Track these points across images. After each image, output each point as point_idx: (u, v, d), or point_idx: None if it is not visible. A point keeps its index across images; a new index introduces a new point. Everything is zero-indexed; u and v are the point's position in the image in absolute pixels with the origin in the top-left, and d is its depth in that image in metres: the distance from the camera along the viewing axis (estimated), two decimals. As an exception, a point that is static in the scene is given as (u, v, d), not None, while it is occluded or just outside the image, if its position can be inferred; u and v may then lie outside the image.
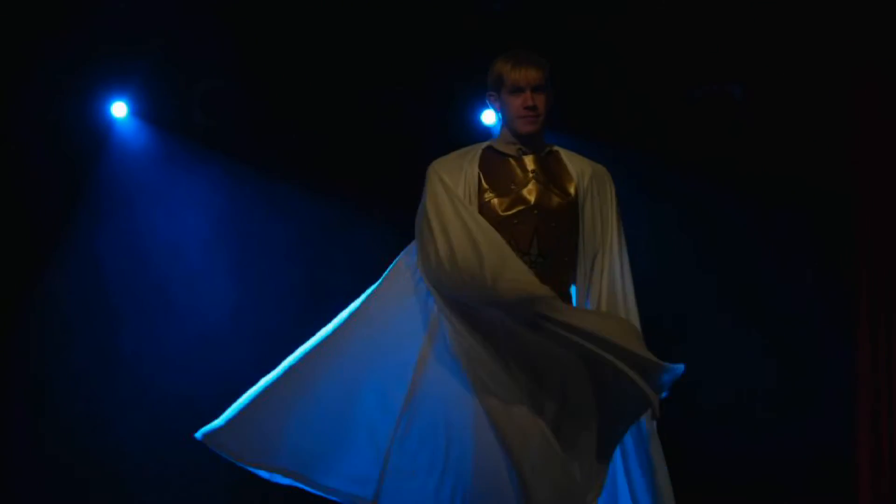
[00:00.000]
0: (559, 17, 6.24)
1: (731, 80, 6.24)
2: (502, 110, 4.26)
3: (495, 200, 4.19)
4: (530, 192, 4.20)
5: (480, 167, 4.22)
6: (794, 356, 6.31)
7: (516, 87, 4.18)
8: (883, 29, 5.81)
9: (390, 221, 6.16)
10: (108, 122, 6.53)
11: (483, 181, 4.21)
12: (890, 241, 5.82)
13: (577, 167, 4.27)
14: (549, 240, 4.17)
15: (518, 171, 4.23)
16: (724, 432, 6.29)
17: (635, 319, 4.18)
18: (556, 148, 4.32)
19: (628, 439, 4.09)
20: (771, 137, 6.21)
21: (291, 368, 4.17)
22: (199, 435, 4.13)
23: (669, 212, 6.39)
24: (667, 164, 6.36)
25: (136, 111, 6.54)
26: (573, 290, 4.28)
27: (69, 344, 6.51)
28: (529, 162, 4.24)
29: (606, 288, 4.17)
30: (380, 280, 4.27)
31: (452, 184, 4.16)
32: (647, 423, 4.09)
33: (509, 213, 4.18)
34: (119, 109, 6.51)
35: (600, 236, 4.21)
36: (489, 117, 6.38)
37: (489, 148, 4.30)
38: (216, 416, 4.16)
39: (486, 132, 6.29)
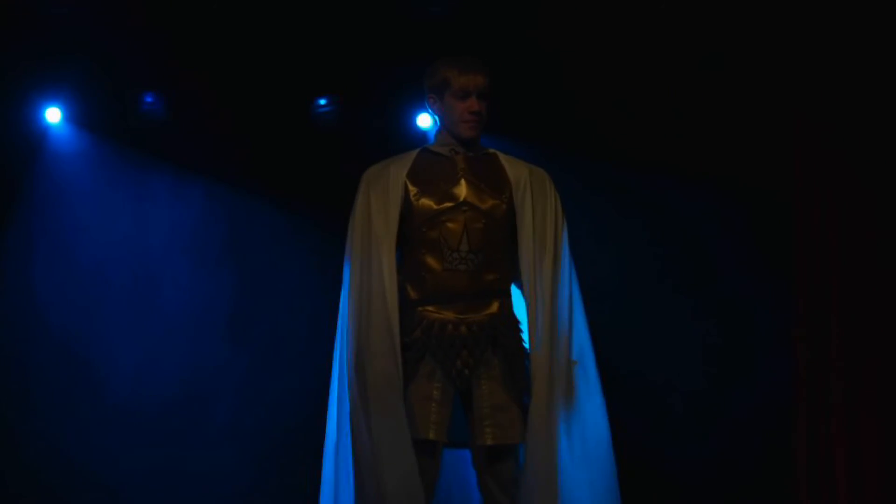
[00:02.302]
0: (497, 22, 6.27)
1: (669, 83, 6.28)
2: (443, 113, 4.34)
3: (424, 200, 4.27)
4: (459, 190, 4.28)
5: (410, 171, 4.31)
6: (734, 358, 6.36)
7: (464, 91, 4.25)
8: (823, 37, 5.90)
9: (325, 226, 6.18)
10: (41, 128, 6.47)
11: (410, 185, 4.28)
12: (826, 243, 5.90)
13: (514, 169, 4.35)
14: (479, 237, 4.25)
15: (448, 169, 4.31)
16: (664, 430, 6.34)
17: (581, 322, 4.29)
18: (493, 151, 4.40)
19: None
20: (713, 138, 6.27)
21: None
22: None
23: (615, 211, 6.44)
24: (609, 163, 6.41)
25: (70, 117, 6.49)
26: (514, 289, 4.35)
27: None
28: (460, 161, 4.32)
29: (550, 290, 4.24)
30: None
31: (374, 192, 4.26)
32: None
33: (438, 210, 4.25)
34: (53, 115, 6.46)
35: (541, 237, 4.28)
36: (425, 121, 6.40)
37: (424, 150, 4.38)
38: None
39: (422, 136, 6.32)
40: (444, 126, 4.36)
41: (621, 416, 4.49)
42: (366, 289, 4.22)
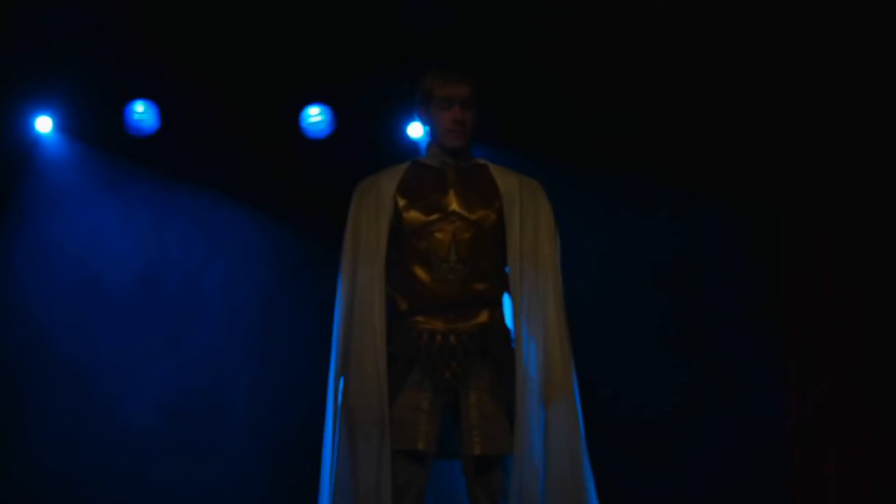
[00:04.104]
0: (489, 31, 6.28)
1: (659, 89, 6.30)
2: (430, 124, 4.34)
3: (413, 212, 4.29)
4: (448, 201, 4.30)
5: (400, 184, 4.33)
6: (723, 381, 6.35)
7: (446, 101, 4.27)
8: (813, 51, 5.94)
9: (316, 235, 6.18)
10: (32, 138, 6.46)
11: (400, 198, 4.29)
12: (815, 256, 5.93)
13: (505, 180, 4.36)
14: (468, 247, 4.26)
15: (438, 181, 4.33)
16: (646, 459, 6.33)
17: (564, 334, 4.26)
18: (483, 162, 4.41)
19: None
20: (707, 151, 6.28)
21: None
22: None
23: (605, 221, 6.43)
24: (597, 173, 6.41)
25: (60, 126, 6.48)
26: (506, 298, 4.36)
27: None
28: (450, 172, 4.33)
29: (553, 307, 4.25)
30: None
31: (364, 205, 4.30)
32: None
33: (428, 221, 4.26)
34: (43, 124, 6.45)
35: (530, 249, 4.28)
36: (415, 131, 6.41)
37: (415, 163, 4.40)
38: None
39: (412, 146, 6.32)
40: (433, 137, 4.37)
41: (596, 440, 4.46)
42: (354, 301, 4.24)
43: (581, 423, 4.22)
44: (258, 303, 6.59)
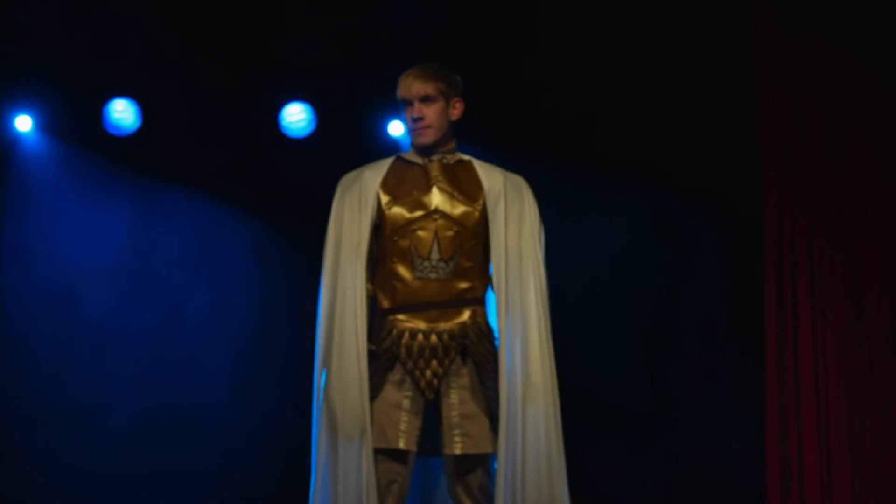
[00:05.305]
0: (470, 29, 6.29)
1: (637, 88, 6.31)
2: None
3: (396, 209, 4.29)
4: (431, 199, 4.30)
5: (384, 179, 4.33)
6: (699, 375, 6.36)
7: (405, 100, 4.32)
8: (786, 36, 5.96)
9: (298, 233, 6.17)
10: (11, 137, 6.44)
11: (383, 194, 4.29)
12: (797, 248, 5.95)
13: (489, 176, 4.35)
14: (451, 245, 4.26)
15: (421, 177, 4.32)
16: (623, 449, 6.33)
17: (546, 333, 4.26)
18: (468, 158, 4.41)
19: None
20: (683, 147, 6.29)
21: None
22: None
23: (587, 217, 6.44)
24: (586, 172, 6.42)
25: (40, 125, 6.46)
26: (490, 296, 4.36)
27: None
28: (433, 169, 4.33)
29: (528, 299, 4.24)
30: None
31: (347, 200, 4.29)
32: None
33: (410, 218, 4.27)
34: (23, 123, 6.43)
35: (514, 245, 4.27)
36: (396, 129, 6.42)
37: (399, 158, 4.40)
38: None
39: (393, 143, 6.33)
40: None
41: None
42: (336, 297, 4.23)
43: (559, 424, 4.22)
44: (241, 300, 6.58)
